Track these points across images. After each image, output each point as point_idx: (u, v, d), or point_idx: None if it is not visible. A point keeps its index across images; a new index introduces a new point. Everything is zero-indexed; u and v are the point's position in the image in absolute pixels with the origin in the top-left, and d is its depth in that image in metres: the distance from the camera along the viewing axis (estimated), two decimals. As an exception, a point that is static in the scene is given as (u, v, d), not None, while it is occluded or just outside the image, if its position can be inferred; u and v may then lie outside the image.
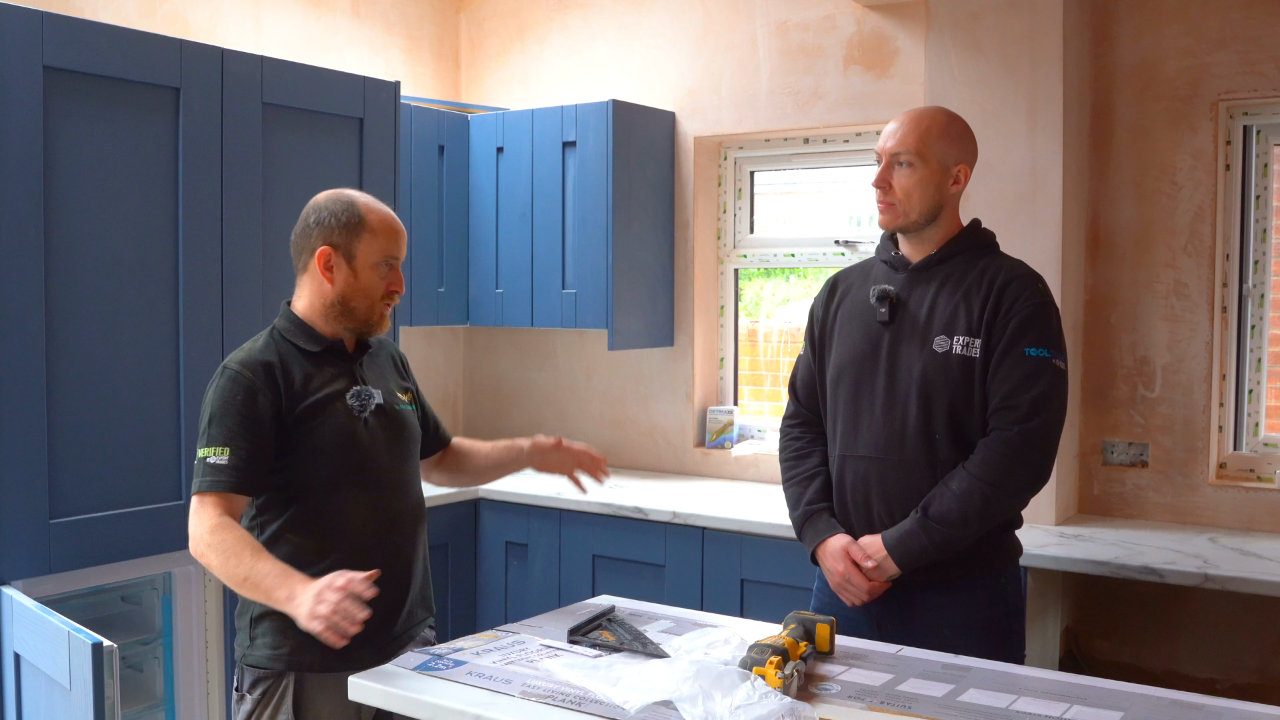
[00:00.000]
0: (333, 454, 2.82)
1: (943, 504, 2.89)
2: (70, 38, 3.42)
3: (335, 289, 2.85)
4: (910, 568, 2.93)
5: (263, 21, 5.02)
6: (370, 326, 2.90)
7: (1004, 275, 2.98)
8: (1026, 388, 2.89)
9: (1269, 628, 4.04)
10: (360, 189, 4.10)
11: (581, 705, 2.31)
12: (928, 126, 3.02)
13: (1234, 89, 4.12)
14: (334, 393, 2.85)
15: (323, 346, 2.88)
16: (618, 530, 4.60)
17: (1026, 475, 2.93)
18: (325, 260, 2.84)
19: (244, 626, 2.85)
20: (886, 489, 3.00)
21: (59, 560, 3.43)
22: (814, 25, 4.93)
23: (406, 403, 3.05)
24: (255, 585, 2.58)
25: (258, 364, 2.79)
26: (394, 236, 2.89)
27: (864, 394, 3.05)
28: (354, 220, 2.85)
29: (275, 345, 2.86)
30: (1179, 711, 2.29)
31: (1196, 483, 4.24)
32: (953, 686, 2.43)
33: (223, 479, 2.70)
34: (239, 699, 2.84)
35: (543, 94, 5.71)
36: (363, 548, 2.83)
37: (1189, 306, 4.23)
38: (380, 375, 3.00)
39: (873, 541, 2.97)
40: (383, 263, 2.86)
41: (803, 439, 3.25)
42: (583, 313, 5.07)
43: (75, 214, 3.46)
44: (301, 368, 2.84)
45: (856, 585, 2.97)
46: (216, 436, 2.73)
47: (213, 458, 2.71)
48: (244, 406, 2.74)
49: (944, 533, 2.88)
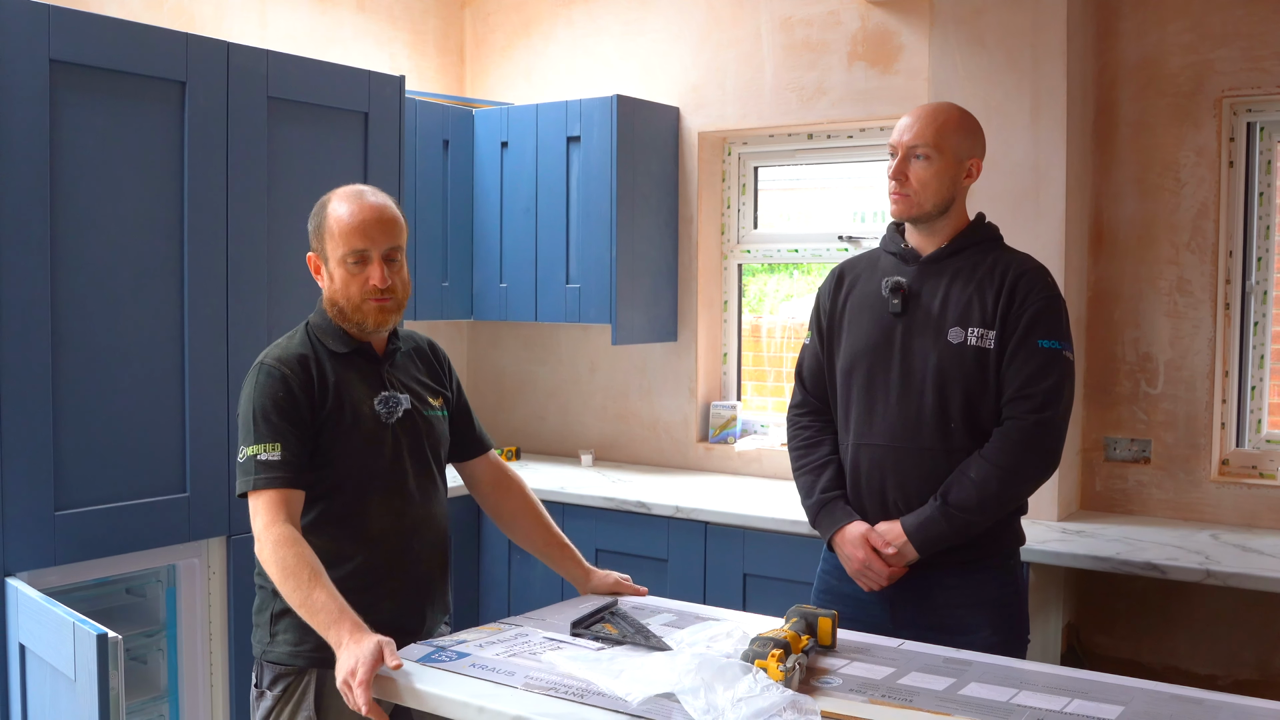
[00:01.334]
0: (358, 460, 2.81)
1: (961, 491, 2.96)
2: (76, 31, 3.43)
3: (326, 293, 2.86)
4: (929, 552, 3.01)
5: (268, 15, 5.03)
6: (362, 326, 2.84)
7: (1015, 269, 3.06)
8: (1041, 378, 2.98)
9: (1269, 624, 4.05)
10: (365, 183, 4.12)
11: (584, 697, 2.31)
12: (944, 120, 3.09)
13: (1237, 85, 4.13)
14: (361, 397, 2.84)
15: (350, 348, 2.86)
16: (621, 524, 4.61)
17: (1041, 463, 3.03)
18: (314, 266, 2.88)
19: (263, 623, 2.85)
20: (902, 476, 3.07)
21: (64, 552, 3.44)
22: (818, 20, 4.93)
23: (437, 408, 3.01)
24: (308, 615, 2.56)
25: (294, 360, 2.78)
26: (355, 232, 2.79)
27: (878, 383, 3.10)
28: (320, 222, 2.83)
29: (309, 342, 2.85)
30: (1179, 706, 2.30)
31: (1199, 479, 4.24)
32: (954, 680, 2.43)
33: (279, 475, 2.68)
34: (258, 695, 2.83)
35: (547, 89, 5.71)
36: (384, 554, 2.83)
37: (1192, 303, 4.23)
38: (410, 379, 2.98)
39: (891, 528, 3.03)
40: (347, 259, 2.79)
41: (812, 427, 3.29)
42: (586, 307, 5.07)
43: (81, 207, 3.46)
44: (332, 369, 2.83)
45: (876, 571, 3.03)
46: (265, 433, 2.71)
47: (264, 454, 2.68)
48: (286, 402, 2.73)
49: (962, 519, 2.96)
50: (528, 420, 5.83)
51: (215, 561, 3.82)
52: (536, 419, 5.79)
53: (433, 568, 2.96)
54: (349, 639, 2.47)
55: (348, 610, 2.53)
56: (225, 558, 3.84)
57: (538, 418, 5.80)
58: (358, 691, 2.39)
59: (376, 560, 2.81)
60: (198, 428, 3.74)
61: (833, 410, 3.26)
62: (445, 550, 3.02)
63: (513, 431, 5.87)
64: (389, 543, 2.85)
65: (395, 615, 2.82)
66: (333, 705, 2.76)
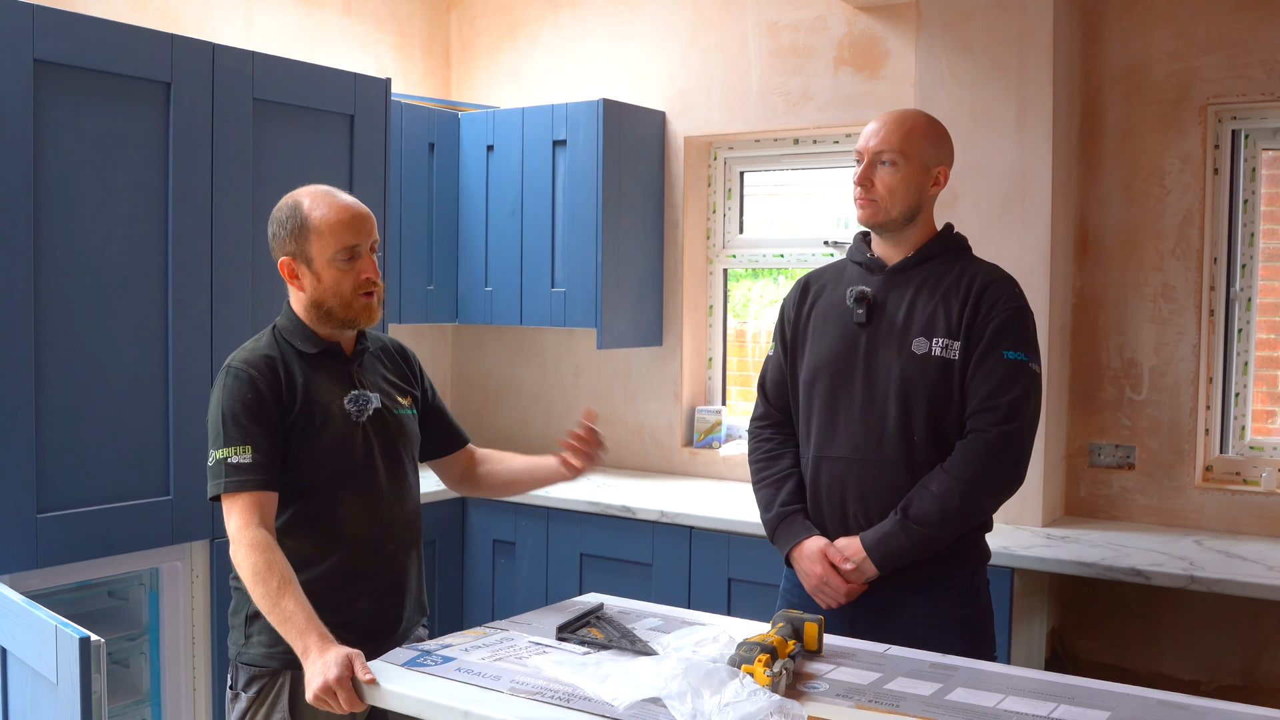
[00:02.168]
0: (329, 459, 2.80)
1: (922, 505, 2.90)
2: (61, 31, 3.42)
3: (308, 294, 2.83)
4: (889, 569, 2.94)
5: (254, 17, 5.02)
6: (354, 322, 2.85)
7: (982, 278, 3.00)
8: (1005, 390, 2.92)
9: (1253, 629, 4.06)
10: (350, 185, 4.13)
11: (570, 702, 2.31)
12: (910, 126, 3.03)
13: (1222, 93, 4.14)
14: (331, 397, 2.83)
15: (319, 349, 2.85)
16: (605, 529, 4.60)
17: (1004, 476, 2.95)
18: (289, 271, 2.83)
19: (238, 625, 2.84)
20: (863, 489, 3.00)
21: (46, 555, 3.43)
22: (805, 26, 4.94)
23: (406, 406, 3.01)
24: (277, 622, 2.56)
25: (261, 362, 2.77)
26: (346, 227, 2.79)
27: (841, 395, 3.05)
28: (298, 224, 2.80)
29: (276, 344, 2.84)
30: (1165, 711, 2.30)
31: (1183, 485, 4.26)
32: (940, 685, 2.43)
33: (251, 478, 2.67)
34: (233, 697, 2.83)
35: (533, 92, 5.71)
36: (359, 553, 2.83)
37: (1176, 309, 4.24)
38: (379, 378, 2.98)
39: (850, 543, 2.97)
40: (339, 256, 2.79)
41: (773, 440, 3.25)
42: (571, 311, 5.07)
43: (65, 208, 3.45)
44: (300, 369, 2.82)
45: (834, 587, 2.97)
46: (235, 436, 2.70)
47: (235, 457, 2.68)
48: (255, 405, 2.72)
49: (923, 533, 2.90)
50: (512, 424, 5.82)
51: (198, 565, 3.81)
52: (521, 423, 5.78)
53: (408, 566, 2.96)
54: (316, 651, 2.48)
55: (315, 620, 2.53)
56: (208, 561, 3.83)
57: (522, 422, 5.79)
58: (338, 690, 2.40)
59: (351, 559, 2.81)
60: (181, 430, 3.72)
61: (795, 423, 3.20)
62: (419, 549, 3.02)
63: (497, 435, 5.86)
64: (363, 542, 2.84)
65: (372, 615, 2.82)
66: (307, 706, 2.75)
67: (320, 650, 2.47)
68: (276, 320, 2.91)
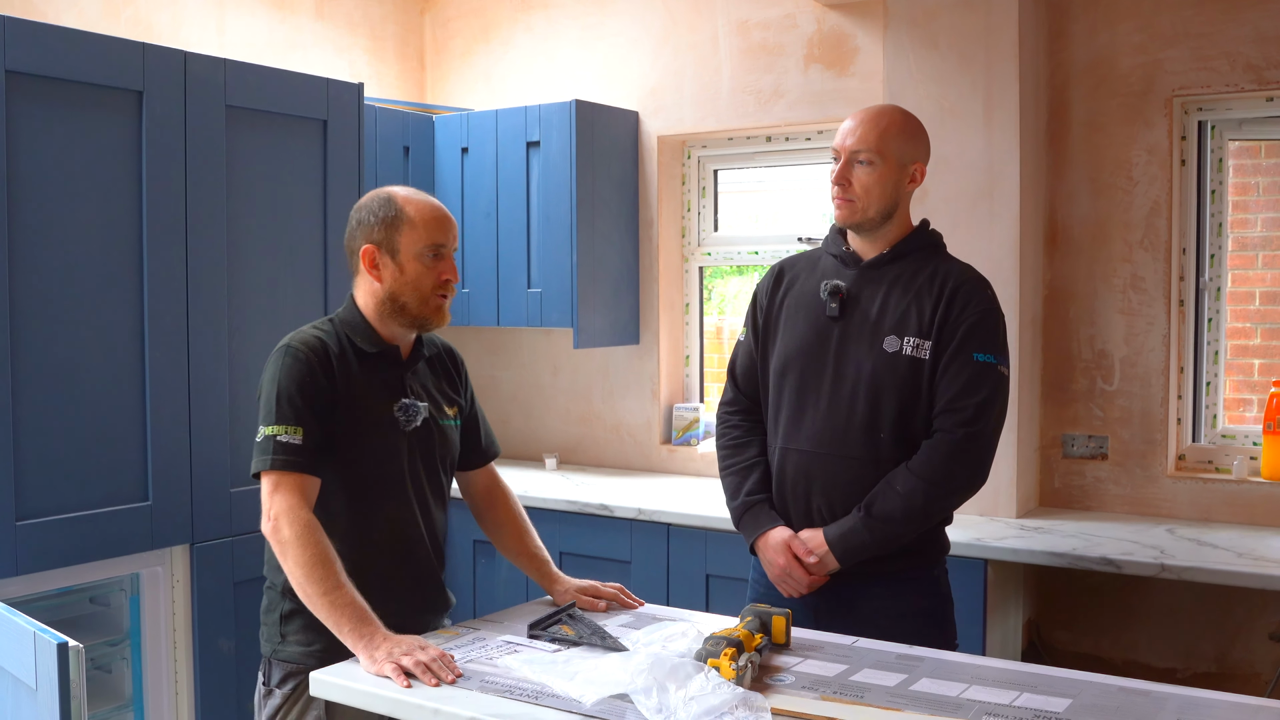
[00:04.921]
0: (371, 465, 2.81)
1: (886, 502, 2.93)
2: (32, 41, 3.42)
3: (385, 286, 2.82)
4: (850, 563, 2.97)
5: (226, 24, 5.03)
6: (426, 321, 2.85)
7: (955, 279, 3.02)
8: (972, 392, 2.94)
9: (1226, 616, 4.10)
10: (324, 190, 4.15)
11: (539, 699, 2.34)
12: (887, 124, 3.03)
13: (1187, 85, 4.18)
14: (380, 401, 2.83)
15: (378, 349, 2.85)
16: (583, 527, 4.63)
17: (967, 476, 2.98)
18: (370, 259, 2.83)
19: (272, 623, 2.85)
20: (827, 483, 3.03)
21: (26, 562, 3.43)
22: (774, 24, 4.97)
23: (452, 417, 3.01)
24: (327, 610, 2.58)
25: (321, 349, 2.77)
26: (437, 225, 2.83)
27: (809, 387, 3.06)
28: (392, 214, 2.81)
29: (336, 336, 2.84)
30: (1125, 698, 2.34)
31: (1155, 474, 4.29)
32: (905, 676, 2.47)
33: (298, 460, 2.67)
34: (266, 693, 2.83)
35: (507, 94, 5.73)
36: (390, 559, 2.85)
37: (1146, 300, 4.28)
38: (430, 386, 2.97)
39: (814, 536, 3.00)
40: (427, 252, 2.81)
41: (741, 427, 3.26)
42: (548, 311, 5.09)
43: (39, 217, 3.46)
44: (355, 366, 2.81)
45: (797, 578, 3.01)
46: (289, 415, 2.69)
47: (285, 436, 2.67)
48: (311, 388, 2.72)
49: (885, 530, 2.93)
50: (491, 424, 5.83)
51: (179, 570, 3.83)
52: (499, 423, 5.80)
53: (437, 572, 2.98)
54: (382, 636, 2.55)
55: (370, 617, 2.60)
56: (189, 566, 3.84)
57: (500, 422, 5.81)
58: (432, 654, 2.50)
59: (382, 564, 2.82)
60: (159, 436, 3.74)
61: (763, 411, 3.22)
62: (442, 558, 3.03)
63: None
64: (395, 547, 2.86)
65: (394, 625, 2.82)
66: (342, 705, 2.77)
67: (386, 634, 2.55)
68: (338, 311, 2.91)
